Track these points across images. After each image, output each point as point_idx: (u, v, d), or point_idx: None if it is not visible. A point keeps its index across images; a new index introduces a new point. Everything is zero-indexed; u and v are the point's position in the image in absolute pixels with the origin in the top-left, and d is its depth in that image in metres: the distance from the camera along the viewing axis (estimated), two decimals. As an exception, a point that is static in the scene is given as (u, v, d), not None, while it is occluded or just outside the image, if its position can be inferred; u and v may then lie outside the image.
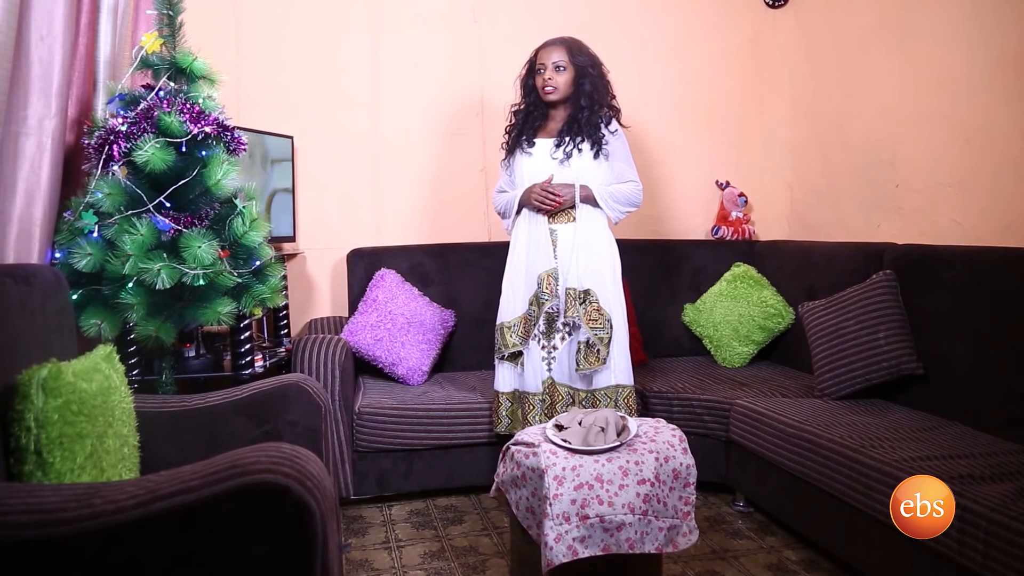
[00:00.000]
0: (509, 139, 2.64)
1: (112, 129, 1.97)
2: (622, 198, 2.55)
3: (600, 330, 2.43)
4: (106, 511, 1.03)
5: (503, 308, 2.57)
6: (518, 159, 2.58)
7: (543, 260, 2.48)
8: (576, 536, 1.75)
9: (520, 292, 2.53)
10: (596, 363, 2.43)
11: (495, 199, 2.72)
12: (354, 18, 3.37)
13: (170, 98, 2.04)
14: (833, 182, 3.44)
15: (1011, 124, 2.53)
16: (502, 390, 2.59)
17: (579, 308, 2.44)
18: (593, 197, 2.50)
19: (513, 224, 2.61)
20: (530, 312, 2.50)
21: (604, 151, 2.51)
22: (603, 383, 2.47)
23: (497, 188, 2.72)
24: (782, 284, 3.25)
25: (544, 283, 2.46)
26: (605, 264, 2.51)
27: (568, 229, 2.49)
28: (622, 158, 2.56)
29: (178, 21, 2.12)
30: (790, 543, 2.41)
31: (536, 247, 2.51)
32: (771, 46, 3.77)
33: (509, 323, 2.53)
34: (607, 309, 2.45)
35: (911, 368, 2.42)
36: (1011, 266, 2.21)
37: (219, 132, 2.08)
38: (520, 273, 2.54)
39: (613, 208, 2.54)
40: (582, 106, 2.50)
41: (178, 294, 1.98)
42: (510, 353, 2.52)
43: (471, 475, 2.77)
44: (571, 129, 2.51)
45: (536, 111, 2.60)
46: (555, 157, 2.51)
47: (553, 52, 2.52)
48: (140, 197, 1.96)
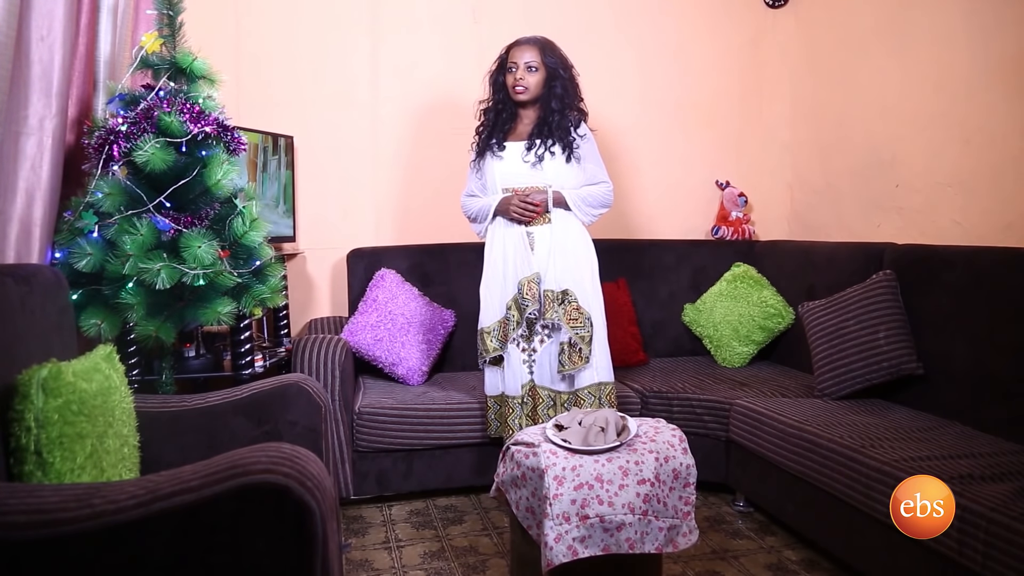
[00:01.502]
0: (479, 141, 2.63)
1: (112, 129, 1.97)
2: (593, 200, 2.56)
3: (581, 328, 2.44)
4: (106, 511, 1.03)
5: (483, 313, 2.57)
6: (488, 162, 2.58)
7: (523, 265, 2.48)
8: (576, 536, 1.75)
9: (497, 297, 2.54)
10: (580, 362, 2.44)
11: (464, 203, 2.69)
12: (354, 18, 3.37)
13: (170, 98, 2.04)
14: (833, 182, 3.44)
15: (1011, 124, 2.53)
16: (489, 394, 2.60)
17: (558, 309, 2.44)
18: (565, 202, 2.51)
19: (486, 229, 2.61)
20: (508, 316, 2.50)
21: (576, 154, 2.51)
22: (586, 382, 2.48)
23: (466, 192, 2.70)
24: (782, 284, 3.25)
25: (525, 288, 2.46)
26: (582, 263, 2.52)
27: (544, 231, 2.50)
28: (592, 160, 2.57)
29: (178, 21, 2.12)
30: (790, 543, 2.41)
31: (515, 252, 2.51)
32: (771, 46, 3.77)
33: (488, 328, 2.53)
34: (586, 308, 2.46)
35: (911, 368, 2.42)
36: (1011, 266, 2.21)
37: (219, 132, 2.08)
38: (497, 278, 2.54)
39: (585, 212, 2.55)
40: (553, 109, 2.50)
41: (178, 294, 1.98)
42: (492, 358, 2.53)
43: (471, 475, 2.77)
44: (542, 132, 2.51)
45: (505, 111, 2.60)
46: (527, 160, 2.51)
47: (526, 51, 2.51)
48: (140, 197, 1.96)
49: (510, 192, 2.54)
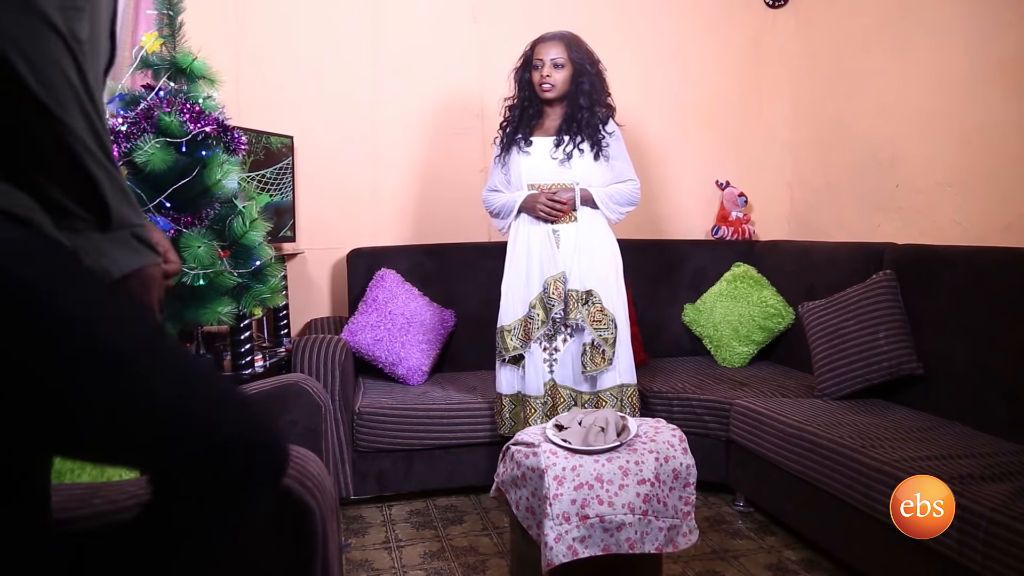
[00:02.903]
0: (504, 136, 2.61)
1: (112, 129, 1.97)
2: (621, 198, 2.54)
3: (604, 331, 2.42)
4: (106, 511, 1.03)
5: (503, 311, 2.54)
6: (515, 158, 2.55)
7: (548, 264, 2.46)
8: (576, 536, 1.75)
9: (520, 295, 2.51)
10: (602, 364, 2.41)
11: (487, 198, 2.66)
12: (354, 18, 3.37)
13: (170, 98, 2.04)
14: (833, 182, 3.44)
15: (1011, 124, 2.53)
16: (504, 392, 2.57)
17: (582, 310, 2.43)
18: (592, 199, 2.49)
19: (510, 226, 2.59)
20: (531, 315, 2.47)
21: (605, 152, 2.50)
22: (608, 383, 2.46)
23: (489, 187, 2.66)
24: (782, 284, 3.25)
25: (551, 287, 2.43)
26: (607, 264, 2.50)
27: (570, 229, 2.48)
28: (621, 157, 2.55)
29: (178, 21, 2.13)
30: (790, 543, 2.41)
31: (540, 249, 2.48)
32: (771, 46, 3.77)
33: (509, 326, 2.50)
34: (610, 309, 2.45)
35: (911, 368, 2.42)
36: (1011, 266, 2.21)
37: (219, 132, 2.09)
38: (520, 275, 2.51)
39: (612, 209, 2.53)
40: (581, 106, 2.47)
41: (178, 294, 1.98)
42: (511, 356, 2.50)
43: (471, 475, 2.77)
44: (570, 128, 2.48)
45: (531, 107, 2.57)
46: (555, 157, 2.48)
47: (551, 48, 2.48)
48: (140, 197, 1.96)
49: (536, 188, 2.51)
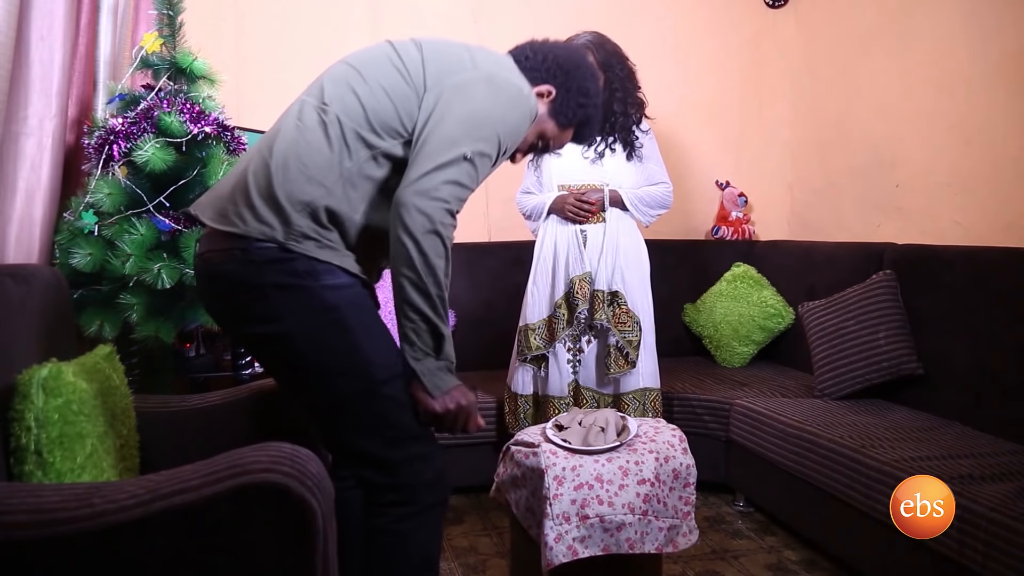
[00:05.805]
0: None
1: (112, 129, 1.97)
2: (652, 201, 2.51)
3: (629, 333, 2.40)
4: (106, 511, 1.03)
5: (527, 310, 2.51)
6: (546, 159, 2.50)
7: (575, 264, 2.43)
8: (576, 536, 1.75)
9: (545, 294, 2.48)
10: (626, 367, 2.39)
11: (520, 200, 2.64)
12: (354, 18, 3.37)
13: (170, 98, 2.04)
14: (833, 182, 3.44)
15: (1011, 124, 2.53)
16: (521, 392, 2.52)
17: (607, 311, 2.40)
18: (622, 201, 2.47)
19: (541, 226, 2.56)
20: (556, 315, 2.44)
21: (638, 153, 2.47)
22: (631, 387, 2.44)
23: (523, 189, 2.64)
24: (782, 284, 3.25)
25: (576, 287, 2.41)
26: (635, 266, 2.47)
27: (597, 230, 2.46)
28: (654, 159, 2.52)
29: (178, 21, 2.13)
30: (790, 543, 2.41)
31: (566, 249, 2.46)
32: (771, 46, 3.76)
33: (533, 325, 2.47)
34: (636, 311, 2.43)
35: (911, 368, 2.42)
36: (1011, 266, 2.21)
37: (219, 132, 2.09)
38: (547, 275, 2.49)
39: (643, 212, 2.51)
40: (615, 112, 2.41)
41: (178, 294, 1.98)
42: (533, 356, 2.46)
43: (471, 475, 2.77)
44: (603, 128, 2.43)
45: None
46: (586, 156, 2.45)
47: None
48: (140, 197, 1.97)
49: (566, 189, 2.50)
